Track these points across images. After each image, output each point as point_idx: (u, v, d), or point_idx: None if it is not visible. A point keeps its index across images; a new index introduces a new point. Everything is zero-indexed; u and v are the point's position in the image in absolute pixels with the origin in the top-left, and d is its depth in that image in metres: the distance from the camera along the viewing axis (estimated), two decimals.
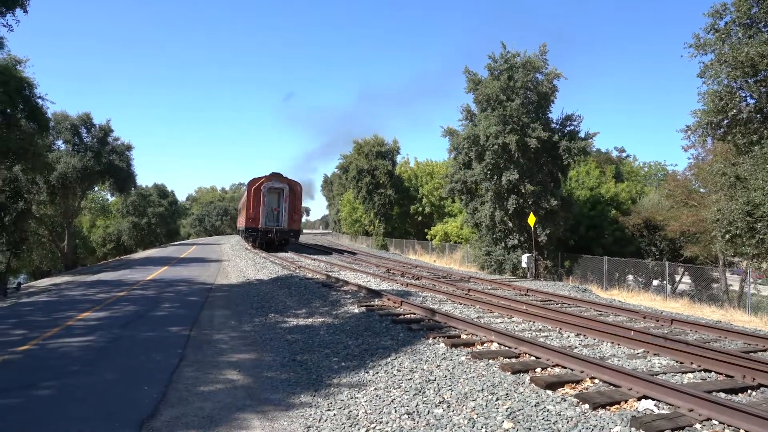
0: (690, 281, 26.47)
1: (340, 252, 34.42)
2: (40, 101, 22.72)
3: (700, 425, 4.72)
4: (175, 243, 57.82)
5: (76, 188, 39.27)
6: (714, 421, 4.76)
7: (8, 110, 21.03)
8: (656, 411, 5.04)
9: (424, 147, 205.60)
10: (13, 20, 18.52)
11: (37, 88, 22.51)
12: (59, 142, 38.05)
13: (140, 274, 21.24)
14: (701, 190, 25.74)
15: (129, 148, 42.50)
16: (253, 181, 30.02)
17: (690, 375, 6.55)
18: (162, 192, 72.61)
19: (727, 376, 6.50)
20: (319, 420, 5.37)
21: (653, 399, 5.30)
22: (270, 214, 28.81)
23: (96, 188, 51.21)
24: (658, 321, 10.89)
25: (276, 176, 29.94)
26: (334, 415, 5.47)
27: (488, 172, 23.69)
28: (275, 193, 29.07)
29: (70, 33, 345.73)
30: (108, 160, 39.65)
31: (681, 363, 7.08)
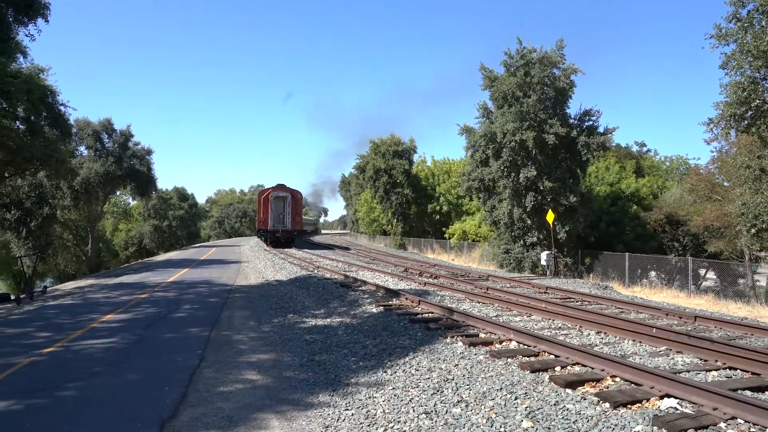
0: (715, 277, 25.92)
1: (357, 251, 34.51)
2: (62, 108, 23.15)
3: (725, 424, 4.61)
4: (196, 245, 58.55)
5: (99, 193, 40.02)
6: (739, 420, 4.65)
7: (32, 118, 21.49)
8: (679, 410, 4.94)
9: (448, 146, 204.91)
10: (35, 30, 18.94)
11: (60, 96, 22.98)
12: (82, 148, 38.87)
13: (161, 277, 21.57)
14: (725, 183, 25.14)
15: (149, 152, 43.15)
16: (263, 191, 37.24)
17: (714, 373, 6.41)
18: (182, 195, 73.58)
19: (753, 373, 6.35)
20: (338, 420, 5.39)
21: (676, 397, 5.19)
22: (277, 217, 34.42)
23: (118, 192, 52.14)
24: (681, 318, 10.68)
25: (280, 187, 35.83)
26: (353, 414, 5.48)
27: (506, 169, 23.50)
28: (280, 200, 34.61)
29: (86, 37, 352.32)
30: (129, 165, 40.35)
31: (705, 361, 6.93)
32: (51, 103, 22.34)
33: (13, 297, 18.44)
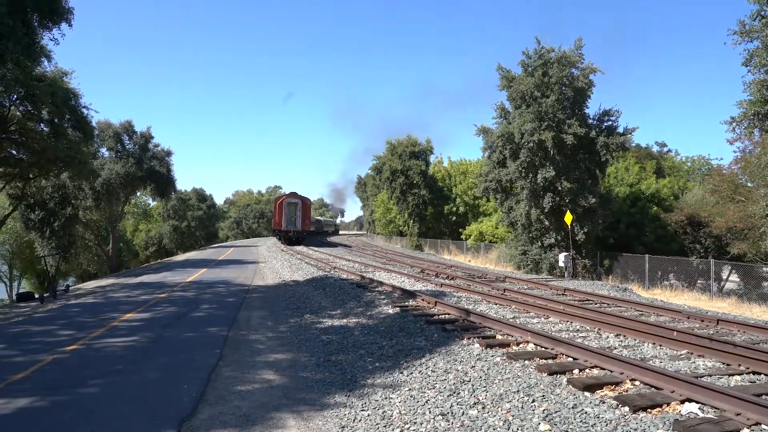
0: (738, 280, 25.38)
1: (374, 252, 34.55)
2: (85, 111, 23.63)
3: (749, 430, 4.51)
4: (214, 245, 59.19)
5: (120, 194, 40.64)
6: (763, 426, 4.54)
7: (56, 120, 21.97)
8: (701, 415, 4.85)
9: (474, 147, 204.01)
10: (59, 34, 19.32)
11: (82, 98, 23.45)
12: (103, 150, 39.55)
13: (180, 276, 21.84)
14: (749, 184, 24.60)
15: (168, 153, 43.73)
16: (278, 198, 45.28)
17: (737, 377, 6.28)
18: (201, 196, 74.46)
19: None
20: (354, 420, 5.40)
21: (697, 402, 5.10)
22: (289, 220, 40.30)
23: (138, 193, 52.90)
24: (703, 321, 10.49)
25: (293, 194, 42.57)
26: (369, 415, 5.49)
27: (523, 170, 23.32)
28: (292, 206, 40.68)
29: (104, 39, 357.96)
30: (149, 166, 40.94)
31: (728, 365, 6.80)
32: (74, 106, 22.80)
33: (37, 296, 18.87)
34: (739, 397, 4.86)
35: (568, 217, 22.01)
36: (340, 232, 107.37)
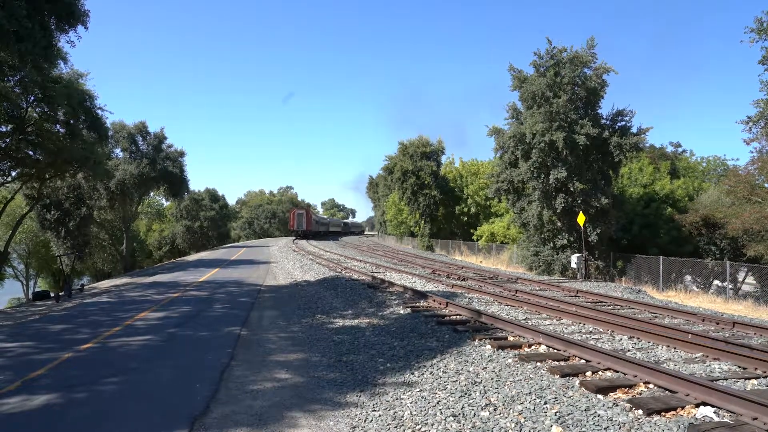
0: (754, 282, 25.00)
1: (385, 252, 34.58)
2: (99, 112, 23.96)
3: None
4: (226, 245, 59.56)
5: (134, 194, 41.09)
6: None
7: (71, 121, 22.28)
8: (716, 419, 4.79)
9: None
10: (75, 36, 19.56)
11: (97, 100, 23.77)
12: (117, 150, 40.01)
13: (193, 276, 22.02)
14: (766, 185, 24.26)
15: (182, 154, 44.13)
16: (292, 209, 73.05)
17: (754, 381, 6.20)
18: (213, 196, 74.94)
19: None
20: (365, 420, 5.41)
21: (713, 406, 5.04)
22: (299, 223, 60.53)
23: (151, 194, 53.46)
24: (718, 324, 10.36)
25: (300, 206, 76.15)
26: (380, 415, 5.49)
27: (535, 170, 23.19)
28: (300, 215, 61.78)
29: (123, 42, 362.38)
30: (162, 167, 41.33)
31: (744, 368, 6.71)
32: (89, 107, 23.12)
33: (52, 294, 19.14)
34: (755, 401, 4.80)
35: (581, 218, 21.86)
36: (364, 233, 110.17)
